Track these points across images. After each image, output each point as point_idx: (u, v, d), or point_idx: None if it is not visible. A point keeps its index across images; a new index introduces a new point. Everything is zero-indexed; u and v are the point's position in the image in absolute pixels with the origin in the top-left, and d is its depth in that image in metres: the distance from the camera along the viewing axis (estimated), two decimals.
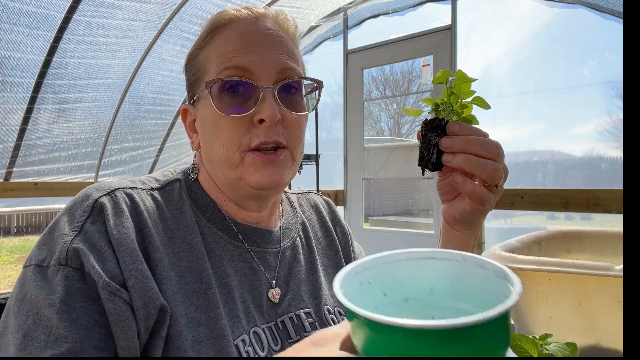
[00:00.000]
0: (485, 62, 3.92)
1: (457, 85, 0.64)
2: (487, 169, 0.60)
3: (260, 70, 0.66)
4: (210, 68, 0.68)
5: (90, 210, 0.59)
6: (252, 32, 0.68)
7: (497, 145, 0.62)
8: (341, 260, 0.85)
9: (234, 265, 0.68)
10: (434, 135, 0.63)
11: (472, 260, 0.39)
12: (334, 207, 0.93)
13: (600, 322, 0.90)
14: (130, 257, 0.57)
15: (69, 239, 0.57)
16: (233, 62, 0.65)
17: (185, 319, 0.59)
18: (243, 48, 0.66)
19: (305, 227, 0.83)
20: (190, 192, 0.72)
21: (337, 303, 0.78)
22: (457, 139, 0.61)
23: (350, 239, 0.90)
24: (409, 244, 4.05)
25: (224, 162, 0.67)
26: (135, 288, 0.56)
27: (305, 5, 3.98)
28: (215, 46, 0.68)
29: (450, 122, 0.63)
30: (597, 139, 3.33)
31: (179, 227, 0.66)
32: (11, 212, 10.79)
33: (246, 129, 0.65)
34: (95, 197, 0.61)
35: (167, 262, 0.61)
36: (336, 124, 4.76)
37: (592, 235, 1.31)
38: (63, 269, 0.55)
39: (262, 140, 0.65)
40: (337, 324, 0.41)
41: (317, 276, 0.78)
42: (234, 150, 0.66)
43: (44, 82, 3.40)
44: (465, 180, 0.62)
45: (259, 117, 0.65)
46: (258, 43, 0.67)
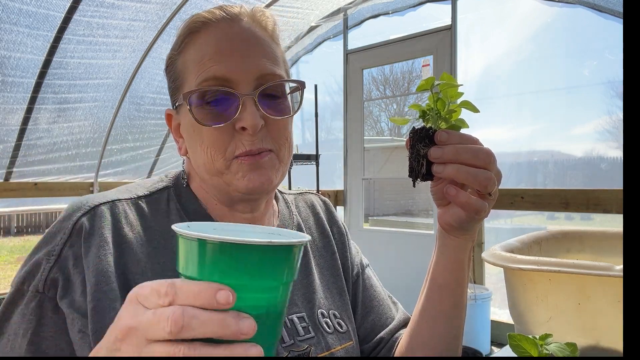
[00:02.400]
0: (485, 62, 3.92)
1: (444, 90, 0.61)
2: (479, 179, 0.58)
3: (239, 77, 0.65)
4: (189, 77, 0.67)
5: (69, 232, 0.61)
6: (228, 38, 0.66)
7: (489, 153, 0.59)
8: (337, 262, 0.84)
9: None
10: (422, 145, 0.60)
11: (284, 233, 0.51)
12: (331, 207, 0.92)
13: (600, 322, 0.90)
14: (95, 279, 0.58)
15: (48, 266, 0.60)
16: (211, 73, 0.64)
17: None
18: (220, 55, 0.65)
19: (300, 229, 0.83)
20: (180, 198, 0.71)
21: (331, 306, 0.77)
22: (446, 149, 0.58)
23: (347, 240, 0.89)
24: (409, 244, 4.05)
25: (209, 169, 0.67)
26: (95, 311, 0.57)
27: (305, 5, 3.98)
28: (191, 54, 0.67)
29: (438, 132, 0.60)
30: (597, 139, 3.33)
31: (164, 236, 0.66)
32: (11, 212, 10.79)
33: (229, 136, 0.65)
34: (76, 218, 0.62)
35: (150, 274, 0.62)
36: (336, 124, 4.76)
37: (592, 235, 1.31)
38: (40, 297, 0.59)
39: (247, 149, 0.64)
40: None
41: (311, 279, 0.78)
42: (218, 158, 0.65)
43: (44, 82, 3.40)
44: (458, 192, 0.60)
45: (241, 125, 0.64)
46: (235, 48, 0.66)
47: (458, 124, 0.62)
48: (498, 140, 3.69)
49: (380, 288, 0.88)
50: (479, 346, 3.01)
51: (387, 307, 0.85)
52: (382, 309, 0.84)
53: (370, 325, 0.82)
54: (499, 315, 3.50)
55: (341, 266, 0.84)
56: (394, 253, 4.09)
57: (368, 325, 0.82)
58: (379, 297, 0.85)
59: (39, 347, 0.58)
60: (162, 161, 4.64)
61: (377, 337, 0.81)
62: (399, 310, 0.87)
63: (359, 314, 0.83)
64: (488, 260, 1.06)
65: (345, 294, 0.81)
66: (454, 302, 0.70)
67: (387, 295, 0.88)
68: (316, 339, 0.71)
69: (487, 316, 3.18)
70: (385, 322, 0.83)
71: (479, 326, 3.11)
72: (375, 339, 0.81)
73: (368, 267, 0.90)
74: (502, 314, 3.54)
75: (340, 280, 0.82)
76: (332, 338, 0.73)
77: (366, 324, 0.82)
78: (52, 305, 0.59)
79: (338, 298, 0.80)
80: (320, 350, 0.70)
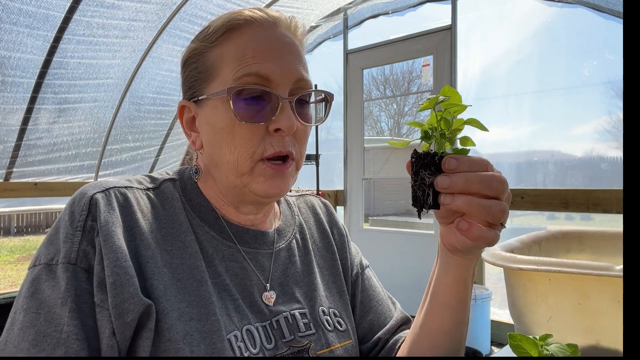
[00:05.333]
0: (485, 61, 3.92)
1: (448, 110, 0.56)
2: (492, 212, 0.53)
3: (279, 80, 0.65)
4: (225, 70, 0.66)
5: (88, 207, 0.61)
6: (272, 39, 0.67)
7: (502, 181, 0.54)
8: (337, 262, 0.84)
9: (225, 265, 0.69)
10: (428, 173, 0.54)
11: None
12: (331, 209, 0.93)
13: (600, 322, 0.90)
14: (114, 254, 0.58)
15: (77, 239, 0.59)
16: (254, 69, 0.64)
17: (176, 313, 0.60)
18: (263, 55, 0.65)
19: (302, 229, 0.84)
20: (185, 191, 0.72)
21: (331, 305, 0.78)
22: (455, 179, 0.53)
23: (347, 241, 0.90)
24: (409, 244, 4.05)
25: (232, 168, 0.66)
26: (114, 285, 0.57)
27: (305, 5, 3.98)
28: (231, 47, 0.66)
29: (446, 159, 0.54)
30: (597, 139, 3.33)
31: (172, 226, 0.67)
32: (11, 212, 10.78)
33: (261, 137, 0.65)
34: (91, 194, 0.62)
35: (159, 259, 0.63)
36: (336, 124, 4.76)
37: (592, 235, 1.31)
38: (73, 268, 0.57)
39: (277, 150, 0.65)
40: None
41: (313, 277, 0.78)
42: (245, 158, 0.65)
43: (44, 82, 3.40)
44: (471, 227, 0.55)
45: (276, 127, 0.64)
46: (277, 51, 0.66)
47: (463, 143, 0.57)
48: (498, 140, 3.70)
49: (380, 288, 0.88)
50: (479, 346, 3.02)
51: (387, 307, 0.85)
52: (381, 308, 0.84)
53: (369, 324, 0.82)
54: (499, 315, 3.50)
55: (341, 267, 0.84)
56: (394, 253, 4.09)
57: (366, 324, 0.82)
58: (378, 297, 0.86)
59: (82, 313, 0.56)
60: (162, 161, 4.64)
61: (375, 337, 0.81)
62: (397, 309, 0.87)
63: (358, 313, 0.83)
64: (488, 260, 1.06)
65: (345, 294, 0.82)
66: (457, 320, 0.68)
67: (387, 296, 0.88)
68: (317, 336, 0.72)
69: (487, 316, 3.18)
70: (384, 321, 0.83)
71: (479, 326, 3.11)
72: (374, 339, 0.81)
73: (368, 268, 0.90)
74: (502, 314, 3.54)
75: (340, 280, 0.83)
76: (332, 336, 0.74)
77: (364, 323, 0.82)
78: (85, 276, 0.58)
79: (338, 297, 0.80)
80: (320, 347, 0.71)
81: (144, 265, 0.61)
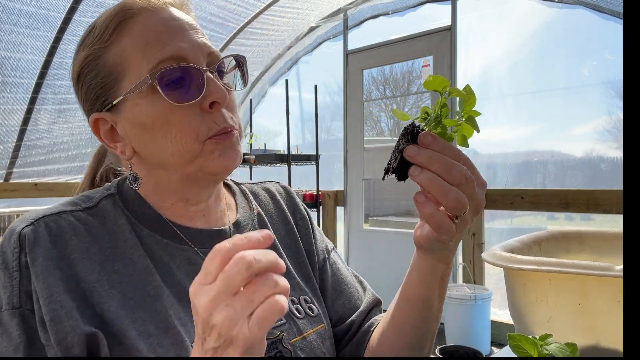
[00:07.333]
0: (485, 62, 3.92)
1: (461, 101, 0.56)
2: (448, 196, 0.53)
3: (194, 56, 0.63)
4: (133, 64, 0.62)
5: (18, 244, 0.58)
6: (169, 19, 0.64)
7: (462, 172, 0.54)
8: (301, 248, 0.82)
9: (184, 270, 0.66)
10: (404, 140, 0.56)
11: None
12: (292, 194, 0.90)
13: (600, 322, 0.90)
14: (48, 290, 0.56)
15: (16, 281, 0.57)
16: (167, 53, 0.61)
17: (135, 332, 0.58)
18: (168, 36, 0.63)
19: (261, 219, 0.81)
20: (126, 203, 0.68)
21: (301, 292, 0.77)
22: (422, 152, 0.54)
23: (311, 226, 0.87)
24: (409, 244, 4.04)
25: (180, 157, 0.63)
26: (53, 322, 0.55)
27: (305, 6, 3.98)
28: (130, 40, 0.63)
29: (423, 133, 0.54)
30: (597, 139, 3.33)
31: (116, 244, 0.64)
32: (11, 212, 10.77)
33: (200, 117, 0.62)
34: (19, 230, 0.59)
35: (106, 282, 0.60)
36: (336, 124, 4.76)
37: (592, 235, 1.31)
38: (20, 312, 0.56)
39: (221, 127, 0.63)
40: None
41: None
42: (190, 142, 0.62)
43: (44, 82, 3.40)
44: (426, 202, 0.55)
45: (211, 100, 0.62)
46: (180, 29, 0.64)
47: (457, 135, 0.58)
48: (498, 140, 3.69)
49: (347, 271, 0.88)
50: (479, 346, 3.01)
51: (355, 289, 0.85)
52: (351, 291, 0.84)
53: (341, 308, 0.82)
54: (499, 315, 3.50)
55: (306, 253, 0.83)
56: (394, 253, 4.08)
57: (338, 308, 0.82)
58: (346, 280, 0.85)
59: (37, 355, 0.56)
60: None
61: (348, 320, 0.81)
62: (367, 291, 0.87)
63: (329, 297, 0.82)
64: (488, 260, 1.06)
65: (312, 279, 0.81)
66: (421, 317, 0.70)
67: (353, 276, 0.88)
68: (288, 325, 0.71)
69: (487, 316, 3.18)
70: (355, 304, 0.83)
71: (479, 326, 3.11)
72: (348, 322, 0.81)
73: (333, 251, 0.89)
74: (502, 314, 3.54)
75: (306, 266, 0.81)
76: (303, 323, 0.73)
77: (336, 307, 0.82)
78: (33, 317, 0.56)
79: (305, 284, 0.79)
80: (292, 335, 0.71)
81: (89, 292, 0.59)
